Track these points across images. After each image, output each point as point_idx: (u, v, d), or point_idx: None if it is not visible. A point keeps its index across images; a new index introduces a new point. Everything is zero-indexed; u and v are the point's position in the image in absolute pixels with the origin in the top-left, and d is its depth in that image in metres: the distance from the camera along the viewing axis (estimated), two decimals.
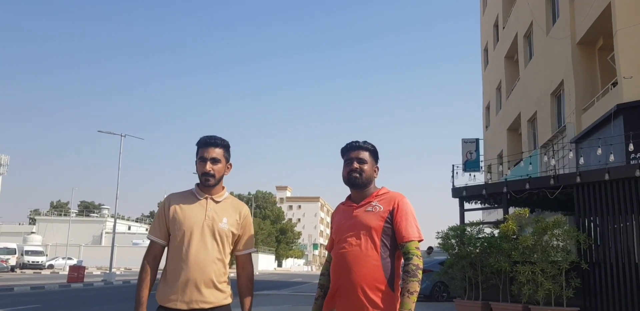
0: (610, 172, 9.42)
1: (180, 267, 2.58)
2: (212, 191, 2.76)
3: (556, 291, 9.51)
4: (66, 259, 47.05)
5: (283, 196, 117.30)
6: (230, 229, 2.72)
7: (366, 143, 2.79)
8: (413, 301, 2.42)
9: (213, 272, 2.61)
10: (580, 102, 15.23)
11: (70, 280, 23.15)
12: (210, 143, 2.74)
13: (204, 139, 2.77)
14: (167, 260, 2.67)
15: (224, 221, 2.71)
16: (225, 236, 2.69)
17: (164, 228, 2.70)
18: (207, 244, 2.62)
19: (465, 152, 28.07)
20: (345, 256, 2.60)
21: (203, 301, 2.57)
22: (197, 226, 2.64)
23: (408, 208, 2.66)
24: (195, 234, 2.62)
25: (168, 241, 2.70)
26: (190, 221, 2.65)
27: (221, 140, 2.78)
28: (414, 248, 2.55)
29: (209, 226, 2.66)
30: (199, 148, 2.76)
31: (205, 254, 2.61)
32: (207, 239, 2.64)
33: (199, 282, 2.57)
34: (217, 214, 2.71)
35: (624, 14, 12.76)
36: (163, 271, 2.67)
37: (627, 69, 12.47)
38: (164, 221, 2.70)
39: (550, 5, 18.43)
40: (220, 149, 2.75)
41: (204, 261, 2.59)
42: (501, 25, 26.03)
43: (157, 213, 2.76)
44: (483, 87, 31.98)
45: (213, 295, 2.60)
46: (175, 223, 2.66)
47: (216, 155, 2.72)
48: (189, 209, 2.69)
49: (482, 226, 11.58)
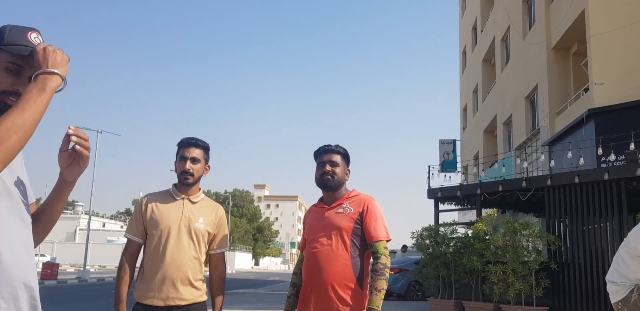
0: (580, 175, 9.68)
1: (157, 265, 2.66)
2: (189, 192, 2.85)
3: (526, 290, 9.73)
4: (39, 256, 46.37)
5: (261, 194, 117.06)
6: (206, 228, 2.81)
7: (338, 147, 2.89)
8: (381, 298, 2.54)
9: (189, 270, 2.69)
10: (554, 106, 15.56)
11: (43, 277, 22.80)
12: (191, 144, 2.84)
13: (185, 139, 2.86)
14: (145, 258, 2.74)
15: (200, 221, 2.79)
16: (201, 235, 2.78)
17: (141, 227, 2.77)
18: (183, 243, 2.71)
19: (442, 153, 28.39)
20: (316, 255, 2.70)
21: (179, 298, 2.66)
22: (174, 226, 2.72)
23: (377, 210, 2.77)
24: (172, 234, 2.70)
25: (145, 239, 2.77)
26: (168, 220, 2.73)
27: (202, 142, 2.88)
28: (383, 248, 2.67)
29: (186, 226, 2.74)
30: (180, 148, 2.85)
31: (182, 252, 2.69)
32: (184, 238, 2.72)
33: (175, 280, 2.65)
34: (193, 215, 2.79)
35: (597, 21, 13.06)
36: (140, 269, 2.74)
37: (599, 75, 12.78)
38: (141, 220, 2.78)
39: (527, 10, 18.76)
40: (200, 150, 2.85)
41: (181, 259, 2.68)
42: (479, 28, 26.39)
43: (134, 212, 2.84)
44: (460, 90, 32.37)
45: (189, 292, 2.69)
46: (152, 222, 2.73)
47: (196, 155, 2.82)
48: (166, 209, 2.77)
49: (456, 227, 11.78)
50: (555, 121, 15.38)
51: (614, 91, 12.58)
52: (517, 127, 19.07)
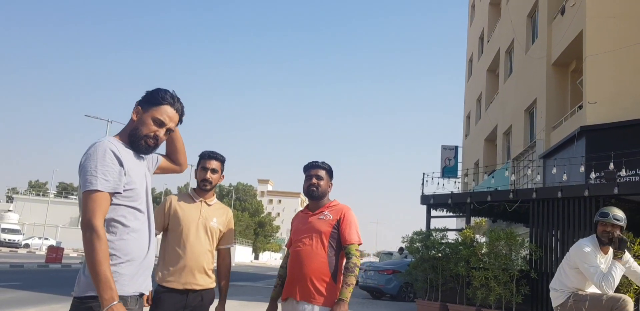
0: (563, 190, 10.22)
1: (178, 255, 3.29)
2: (206, 196, 3.49)
3: (507, 296, 10.29)
4: (43, 239, 47.13)
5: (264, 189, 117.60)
6: (219, 227, 3.46)
7: (324, 164, 3.53)
8: (349, 291, 3.17)
9: (204, 261, 3.34)
10: (550, 121, 16.09)
11: (48, 260, 23.42)
12: (212, 157, 3.49)
13: (207, 153, 3.52)
14: (167, 248, 3.35)
15: (214, 220, 3.44)
16: (214, 232, 3.43)
17: (161, 222, 3.38)
18: (201, 238, 3.35)
19: (444, 159, 28.94)
20: (299, 253, 3.32)
21: (195, 284, 3.28)
22: (193, 223, 3.36)
23: (352, 218, 3.40)
24: (192, 230, 3.34)
25: (162, 231, 3.39)
26: (188, 218, 3.36)
27: (220, 155, 3.53)
28: (354, 250, 3.30)
29: (203, 224, 3.38)
30: (202, 159, 3.50)
31: (200, 246, 3.33)
32: (201, 234, 3.36)
33: (193, 268, 3.28)
34: (209, 215, 3.44)
35: (594, 42, 13.58)
36: (161, 257, 3.36)
37: (592, 94, 13.30)
38: (163, 216, 3.39)
39: (531, 25, 19.25)
40: (218, 162, 3.50)
41: (199, 251, 3.32)
42: (486, 38, 26.85)
43: (158, 208, 3.40)
44: (465, 97, 32.85)
45: (203, 279, 3.32)
46: (175, 219, 3.36)
47: (215, 166, 3.47)
48: (188, 209, 3.40)
49: (446, 233, 12.36)
50: (551, 135, 15.91)
51: (606, 110, 13.11)
52: (516, 139, 19.59)
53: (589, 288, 4.28)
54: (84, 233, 1.93)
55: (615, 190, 9.36)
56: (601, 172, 11.08)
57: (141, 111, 2.22)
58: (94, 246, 1.91)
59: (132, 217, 2.12)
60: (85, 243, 1.93)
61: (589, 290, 4.28)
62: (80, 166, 2.02)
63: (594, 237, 4.28)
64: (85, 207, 1.95)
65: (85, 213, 1.94)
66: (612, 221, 4.14)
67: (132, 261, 2.07)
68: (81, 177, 2.00)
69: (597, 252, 4.18)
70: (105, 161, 2.01)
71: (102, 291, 1.90)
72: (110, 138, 2.15)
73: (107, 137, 2.14)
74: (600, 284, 4.00)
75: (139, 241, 2.14)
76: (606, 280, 3.98)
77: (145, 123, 2.22)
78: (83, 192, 1.97)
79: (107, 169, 2.00)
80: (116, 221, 2.06)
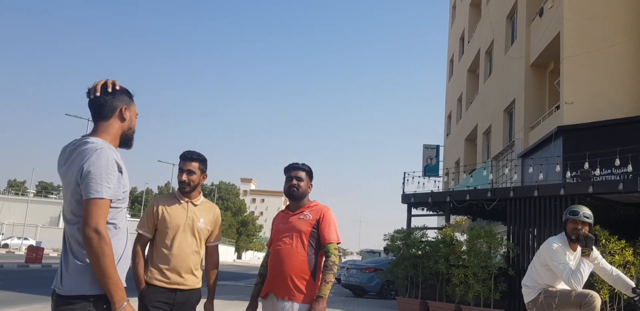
0: (539, 189, 10.45)
1: (166, 256, 3.35)
2: (191, 196, 3.52)
3: (485, 293, 10.49)
4: (22, 239, 46.58)
5: (247, 188, 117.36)
6: (206, 227, 3.50)
7: (304, 165, 3.61)
8: (328, 288, 3.27)
9: (191, 262, 3.39)
10: (529, 121, 16.34)
11: (28, 260, 23.17)
12: (188, 158, 3.49)
13: (184, 153, 3.52)
14: (155, 249, 3.41)
15: (201, 220, 3.48)
16: (202, 233, 3.47)
17: (152, 225, 3.44)
18: (187, 240, 3.41)
19: (425, 158, 29.15)
20: (280, 252, 3.41)
21: (182, 284, 3.35)
22: (180, 225, 3.41)
23: (331, 218, 3.49)
24: (179, 231, 3.39)
25: (153, 234, 3.44)
26: (175, 220, 3.41)
27: (197, 155, 3.52)
28: (333, 249, 3.39)
29: (190, 225, 3.43)
30: (180, 161, 3.51)
31: (187, 247, 3.39)
32: (188, 235, 3.41)
33: (180, 269, 3.34)
34: (196, 216, 3.47)
35: (571, 44, 13.84)
36: (149, 257, 3.42)
37: (569, 94, 13.56)
38: (152, 219, 3.44)
39: (510, 26, 19.52)
40: (196, 163, 3.49)
41: (185, 252, 3.38)
42: (467, 39, 27.12)
43: (146, 211, 3.48)
44: (446, 97, 33.15)
45: (190, 279, 3.38)
46: (163, 221, 3.41)
47: (192, 168, 3.46)
48: (174, 211, 3.44)
49: (426, 231, 12.52)
50: (530, 134, 16.16)
51: (583, 111, 13.38)
52: (495, 138, 19.86)
53: (559, 284, 4.43)
54: (91, 238, 2.00)
55: (590, 189, 9.60)
56: (577, 171, 11.33)
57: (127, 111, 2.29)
58: (103, 251, 2.00)
59: (122, 218, 2.22)
60: (92, 248, 2.00)
61: (559, 287, 4.42)
62: (84, 172, 2.07)
63: (563, 235, 4.42)
64: (91, 213, 2.02)
65: (91, 219, 2.02)
66: (582, 218, 4.29)
67: (122, 260, 2.19)
68: (85, 184, 2.06)
69: (566, 249, 4.33)
70: (108, 169, 2.09)
71: (114, 293, 2.01)
72: (106, 143, 2.19)
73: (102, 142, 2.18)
74: (569, 280, 4.14)
75: (125, 240, 2.25)
76: (575, 276, 4.12)
77: (132, 121, 2.29)
78: (89, 199, 2.04)
79: (110, 178, 2.08)
80: (111, 223, 2.14)
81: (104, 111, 2.23)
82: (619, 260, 8.88)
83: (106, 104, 2.23)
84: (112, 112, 2.24)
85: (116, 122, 2.25)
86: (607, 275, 4.52)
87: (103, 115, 2.23)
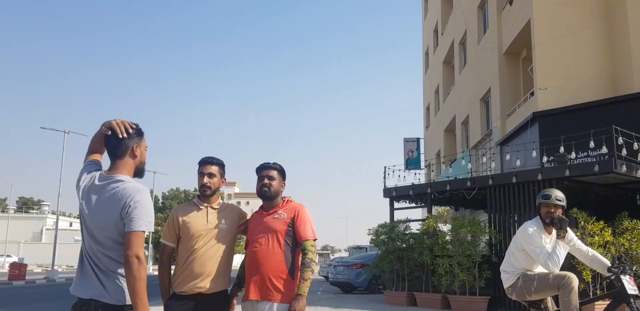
0: (517, 175, 10.51)
1: (187, 262, 3.31)
2: (210, 201, 3.47)
3: (470, 281, 10.55)
4: (5, 256, 45.89)
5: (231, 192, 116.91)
6: (230, 228, 3.44)
7: (276, 164, 3.56)
8: (307, 286, 3.23)
9: (213, 265, 3.33)
10: (505, 109, 16.47)
11: (11, 277, 22.86)
12: (208, 162, 3.48)
13: (204, 158, 3.51)
14: (179, 257, 3.37)
15: (223, 222, 3.42)
16: (225, 236, 3.41)
17: (174, 234, 3.41)
18: (209, 244, 3.35)
19: (407, 151, 29.27)
20: (256, 253, 3.35)
21: (203, 288, 3.28)
22: (202, 230, 3.36)
23: (306, 215, 3.45)
24: (201, 237, 3.35)
25: (177, 243, 3.40)
26: (196, 226, 3.36)
27: (217, 159, 3.52)
28: (310, 246, 3.35)
29: (211, 230, 3.38)
30: (200, 165, 3.49)
31: (208, 251, 3.33)
32: (210, 240, 3.36)
33: (201, 274, 3.29)
34: (216, 219, 3.42)
35: (542, 30, 13.96)
36: (177, 266, 3.38)
37: (543, 80, 13.69)
38: (174, 228, 3.41)
39: (481, 15, 19.66)
40: (215, 166, 3.48)
41: (207, 257, 3.32)
42: (440, 31, 27.28)
43: (167, 221, 3.45)
44: (423, 89, 33.32)
45: (214, 283, 3.32)
46: (185, 229, 3.36)
47: (212, 171, 3.45)
48: (194, 217, 3.40)
49: (409, 224, 12.56)
50: (506, 122, 16.30)
51: (556, 96, 13.51)
52: (473, 128, 19.99)
53: (537, 268, 4.44)
54: (133, 264, 2.35)
55: (566, 172, 9.67)
56: (553, 156, 11.42)
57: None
58: (142, 276, 2.36)
59: None
60: (132, 271, 2.36)
61: (537, 270, 4.43)
62: (130, 209, 2.44)
63: (538, 219, 4.42)
64: (135, 243, 2.40)
65: (135, 248, 2.39)
66: (554, 202, 4.29)
67: None
68: (130, 218, 2.43)
69: (541, 233, 4.33)
70: (149, 206, 2.49)
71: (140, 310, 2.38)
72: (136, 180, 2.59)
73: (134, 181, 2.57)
74: (546, 263, 4.15)
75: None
76: (551, 259, 4.13)
77: (143, 155, 2.67)
78: (136, 231, 2.41)
79: (150, 214, 2.49)
80: None
81: (119, 152, 2.59)
82: (599, 241, 8.97)
83: (120, 146, 2.58)
84: (125, 152, 2.59)
85: (130, 159, 2.61)
86: (583, 256, 4.54)
87: (118, 155, 2.59)
